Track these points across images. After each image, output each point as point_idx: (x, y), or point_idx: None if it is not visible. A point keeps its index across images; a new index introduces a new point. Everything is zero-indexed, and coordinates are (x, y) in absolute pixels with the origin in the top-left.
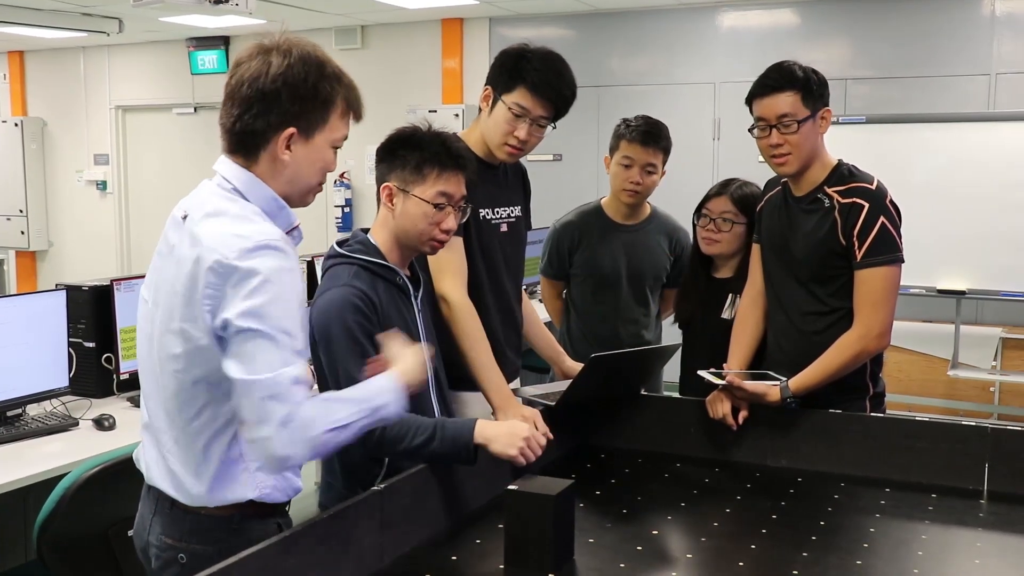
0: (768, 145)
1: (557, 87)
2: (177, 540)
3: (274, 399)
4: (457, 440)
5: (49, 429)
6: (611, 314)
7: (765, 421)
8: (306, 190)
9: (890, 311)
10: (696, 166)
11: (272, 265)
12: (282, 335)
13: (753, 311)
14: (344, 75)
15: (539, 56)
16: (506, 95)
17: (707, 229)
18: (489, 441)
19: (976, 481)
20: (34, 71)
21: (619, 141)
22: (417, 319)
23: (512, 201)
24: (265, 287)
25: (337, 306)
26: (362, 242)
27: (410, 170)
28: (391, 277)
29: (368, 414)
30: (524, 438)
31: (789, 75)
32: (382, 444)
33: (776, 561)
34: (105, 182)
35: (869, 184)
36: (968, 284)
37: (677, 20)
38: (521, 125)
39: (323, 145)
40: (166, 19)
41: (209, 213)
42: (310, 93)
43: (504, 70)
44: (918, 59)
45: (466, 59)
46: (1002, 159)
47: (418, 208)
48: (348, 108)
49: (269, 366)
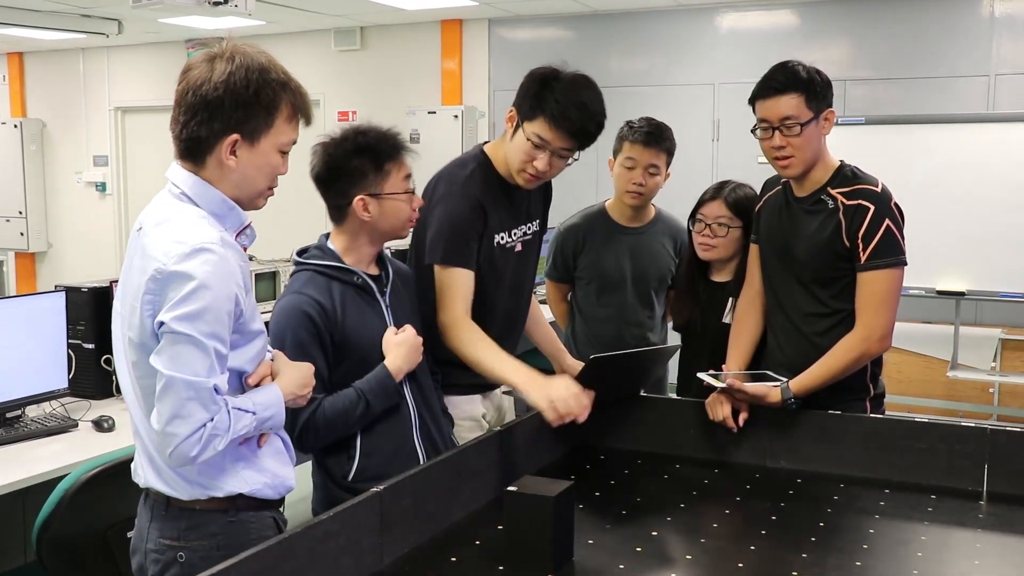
0: (771, 147)
1: (579, 121)
2: (175, 540)
3: (196, 402)
4: (384, 389)
5: (48, 430)
6: (616, 317)
7: (764, 422)
8: (254, 194)
9: (892, 314)
10: (695, 167)
11: (207, 270)
12: (212, 341)
13: (751, 311)
14: (290, 80)
15: (564, 84)
16: (527, 123)
17: (703, 235)
18: (400, 370)
19: (975, 482)
20: (33, 72)
21: (622, 143)
22: (385, 313)
23: (532, 215)
24: (200, 293)
25: (287, 315)
26: (319, 247)
27: (372, 175)
28: (348, 279)
29: (259, 425)
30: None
31: (793, 77)
32: (325, 436)
33: (775, 562)
34: (104, 183)
35: (874, 186)
36: (967, 285)
37: (676, 21)
38: (540, 156)
39: (269, 150)
40: (165, 20)
41: (158, 223)
42: (252, 99)
43: (528, 96)
44: (917, 60)
45: (465, 60)
46: (1001, 160)
47: (394, 203)
48: (295, 112)
49: (194, 370)
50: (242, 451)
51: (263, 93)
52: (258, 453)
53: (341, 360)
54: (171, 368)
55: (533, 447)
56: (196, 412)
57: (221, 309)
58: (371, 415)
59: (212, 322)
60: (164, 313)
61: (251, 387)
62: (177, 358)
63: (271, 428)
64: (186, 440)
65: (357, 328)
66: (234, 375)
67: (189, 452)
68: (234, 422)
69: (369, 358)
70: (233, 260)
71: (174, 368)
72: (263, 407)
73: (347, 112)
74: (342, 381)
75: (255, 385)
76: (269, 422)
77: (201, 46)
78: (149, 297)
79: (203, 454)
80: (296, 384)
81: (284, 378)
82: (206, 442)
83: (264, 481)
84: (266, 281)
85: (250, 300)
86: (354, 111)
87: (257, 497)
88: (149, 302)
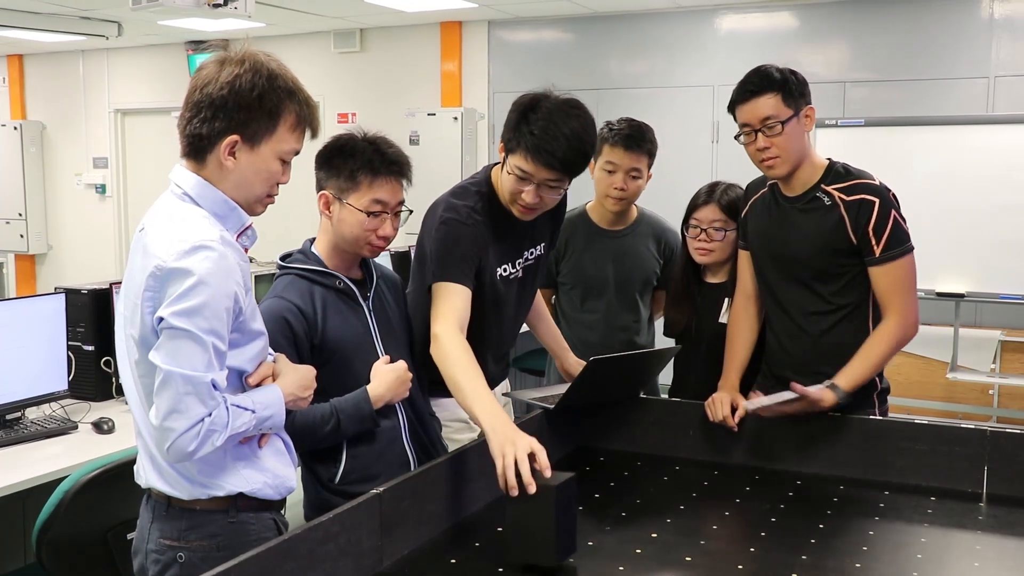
0: (756, 150)
1: (559, 151)
2: (175, 540)
3: (194, 396)
4: (358, 413)
5: (48, 432)
6: (600, 322)
7: (764, 424)
8: (252, 199)
9: (916, 297)
10: (695, 169)
11: (207, 267)
12: (210, 337)
13: (746, 316)
14: (299, 91)
15: (544, 113)
16: (510, 155)
17: (699, 240)
18: (381, 397)
19: (975, 484)
20: (33, 75)
21: (602, 145)
22: (369, 319)
23: (536, 240)
24: (199, 289)
25: (265, 319)
26: (303, 251)
27: (344, 178)
28: (330, 283)
29: (258, 423)
30: (403, 380)
31: (767, 78)
32: (295, 444)
33: (775, 564)
34: (104, 185)
35: (871, 180)
36: (967, 287)
37: (675, 23)
38: (527, 188)
39: (269, 155)
40: (165, 22)
41: (159, 222)
42: (255, 103)
43: (508, 127)
44: (917, 62)
45: (465, 62)
46: (1001, 162)
47: (353, 216)
48: (299, 122)
49: (192, 365)
50: (243, 450)
51: (267, 98)
52: (259, 453)
53: (323, 363)
54: (169, 363)
55: None
56: (194, 407)
57: (220, 306)
58: (341, 436)
59: (210, 318)
60: (163, 309)
61: (252, 387)
62: (175, 353)
63: (271, 428)
64: (183, 435)
65: (338, 332)
66: (234, 374)
67: (187, 447)
68: (232, 419)
69: (350, 362)
70: (233, 258)
71: (172, 363)
72: (263, 406)
73: (347, 114)
74: (323, 384)
75: (256, 386)
76: (269, 422)
77: (212, 49)
78: (149, 294)
79: (201, 449)
80: (297, 386)
81: (285, 379)
82: (204, 437)
83: (265, 480)
84: (266, 283)
85: (250, 300)
86: (354, 113)
87: (258, 497)
88: (149, 299)
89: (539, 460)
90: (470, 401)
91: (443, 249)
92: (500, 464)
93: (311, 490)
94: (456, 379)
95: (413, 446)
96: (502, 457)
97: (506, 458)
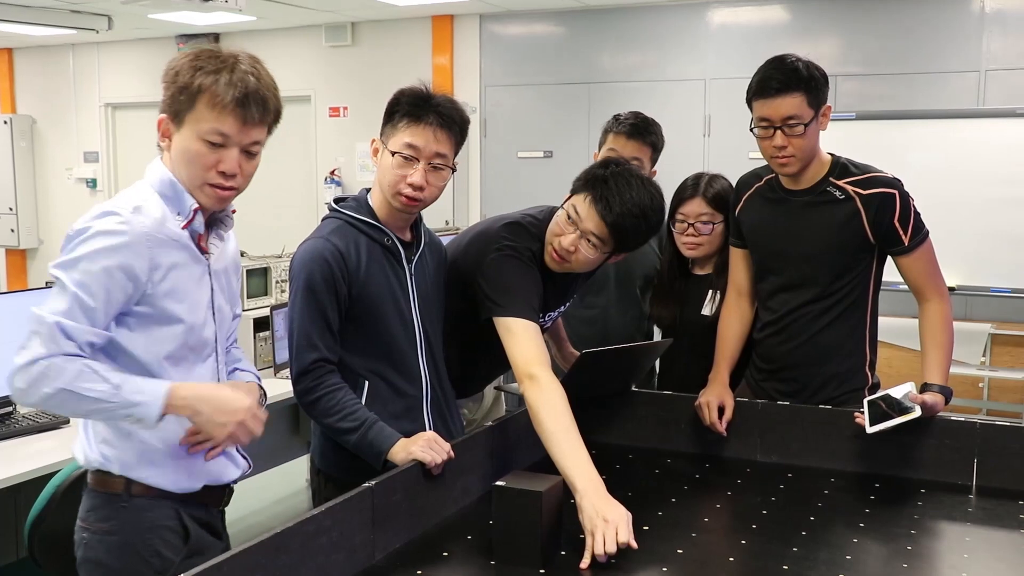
0: (772, 146)
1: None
2: (82, 520)
3: (37, 336)
4: (373, 446)
5: (40, 427)
6: (600, 318)
7: (755, 417)
8: (188, 183)
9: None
10: (686, 162)
11: (102, 227)
12: (78, 288)
13: (738, 312)
14: (229, 70)
15: (626, 172)
16: (574, 195)
17: (687, 235)
18: (396, 452)
19: (965, 476)
20: (23, 68)
21: (606, 135)
22: (408, 283)
23: (564, 300)
24: (86, 243)
25: (306, 258)
26: (356, 199)
27: (390, 124)
28: (378, 237)
29: (117, 403)
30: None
31: (794, 75)
32: (314, 409)
33: (766, 556)
34: (95, 180)
35: (883, 173)
36: (958, 280)
37: (667, 16)
38: (571, 233)
39: (189, 135)
40: (155, 16)
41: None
42: (174, 79)
43: (588, 169)
44: (908, 55)
45: (456, 56)
46: (991, 156)
47: (386, 159)
48: (218, 99)
49: (50, 308)
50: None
51: (183, 73)
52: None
53: (355, 316)
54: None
55: (525, 442)
56: (34, 346)
57: (101, 264)
58: (348, 444)
59: (85, 272)
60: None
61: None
62: (44, 299)
63: (137, 419)
64: (18, 370)
65: (379, 288)
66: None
67: (17, 383)
68: (78, 376)
69: (383, 320)
70: (142, 228)
71: (36, 305)
72: (134, 390)
73: (338, 108)
74: (351, 337)
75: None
76: (134, 409)
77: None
78: None
79: (30, 390)
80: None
81: (206, 389)
82: (35, 378)
83: (163, 471)
84: (257, 277)
85: (171, 281)
86: (345, 107)
87: (150, 485)
88: None
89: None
90: (568, 462)
91: (519, 283)
92: (590, 541)
93: (326, 478)
94: (554, 433)
95: (432, 417)
96: (591, 535)
97: (595, 536)
